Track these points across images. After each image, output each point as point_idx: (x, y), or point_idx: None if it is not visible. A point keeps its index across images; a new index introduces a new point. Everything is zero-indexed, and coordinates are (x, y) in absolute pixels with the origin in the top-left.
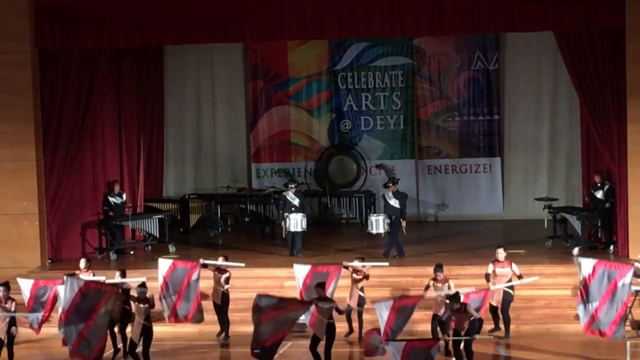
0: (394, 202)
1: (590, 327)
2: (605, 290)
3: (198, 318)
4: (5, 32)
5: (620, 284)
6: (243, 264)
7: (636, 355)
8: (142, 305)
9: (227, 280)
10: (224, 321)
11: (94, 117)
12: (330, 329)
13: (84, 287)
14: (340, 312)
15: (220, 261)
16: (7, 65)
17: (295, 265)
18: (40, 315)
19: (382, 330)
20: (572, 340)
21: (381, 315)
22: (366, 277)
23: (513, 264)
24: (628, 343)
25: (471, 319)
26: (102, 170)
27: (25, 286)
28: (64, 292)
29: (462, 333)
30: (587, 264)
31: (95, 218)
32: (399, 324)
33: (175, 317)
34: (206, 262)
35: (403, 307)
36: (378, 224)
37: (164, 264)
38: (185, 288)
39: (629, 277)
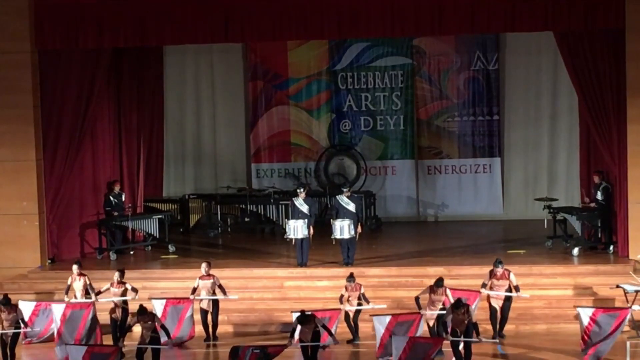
0: (351, 207)
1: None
2: (606, 334)
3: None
4: (5, 32)
5: (621, 327)
6: (236, 297)
7: (636, 355)
8: (148, 323)
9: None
10: (213, 325)
11: (94, 117)
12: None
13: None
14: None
15: (207, 295)
16: (7, 65)
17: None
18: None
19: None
20: (572, 340)
21: (378, 329)
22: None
23: (512, 274)
24: (628, 343)
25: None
26: (102, 170)
27: (26, 308)
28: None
29: (460, 334)
30: (585, 313)
31: (95, 218)
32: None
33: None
34: (197, 298)
35: (400, 322)
36: (343, 229)
37: (159, 305)
38: (180, 326)
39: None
